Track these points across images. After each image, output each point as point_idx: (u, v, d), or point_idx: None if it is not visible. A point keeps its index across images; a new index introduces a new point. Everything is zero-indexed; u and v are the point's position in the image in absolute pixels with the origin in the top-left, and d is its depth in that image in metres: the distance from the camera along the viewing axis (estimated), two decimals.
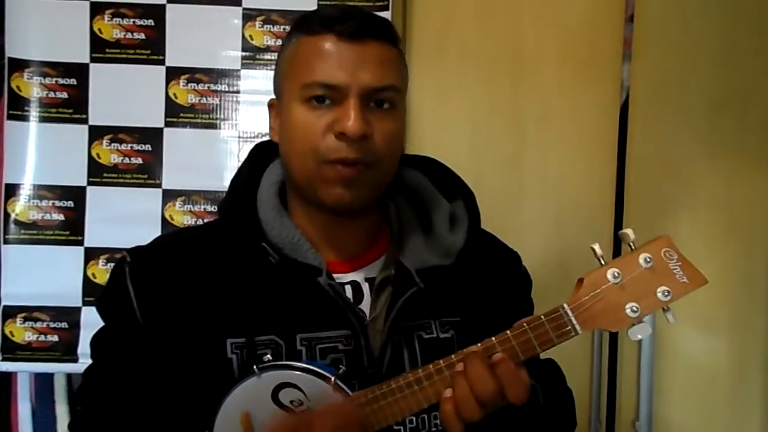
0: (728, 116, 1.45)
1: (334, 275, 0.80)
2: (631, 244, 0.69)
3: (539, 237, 1.44)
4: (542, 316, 0.67)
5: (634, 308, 0.67)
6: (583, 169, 1.45)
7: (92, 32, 1.37)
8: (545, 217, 1.45)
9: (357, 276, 0.82)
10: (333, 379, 0.70)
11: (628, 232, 0.69)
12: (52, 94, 1.37)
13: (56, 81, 1.37)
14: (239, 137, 1.40)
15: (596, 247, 0.68)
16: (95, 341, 0.82)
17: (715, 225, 1.46)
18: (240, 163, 1.34)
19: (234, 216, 0.81)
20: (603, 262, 0.69)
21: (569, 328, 0.68)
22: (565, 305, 0.68)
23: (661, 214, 1.46)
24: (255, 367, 0.71)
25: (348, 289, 0.81)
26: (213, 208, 1.40)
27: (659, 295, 0.68)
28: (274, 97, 0.85)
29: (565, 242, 1.44)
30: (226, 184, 1.39)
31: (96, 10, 1.36)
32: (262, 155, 0.87)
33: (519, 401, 0.67)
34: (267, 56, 1.40)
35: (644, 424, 1.44)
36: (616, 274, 0.68)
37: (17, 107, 1.36)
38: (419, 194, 0.88)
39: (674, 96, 1.45)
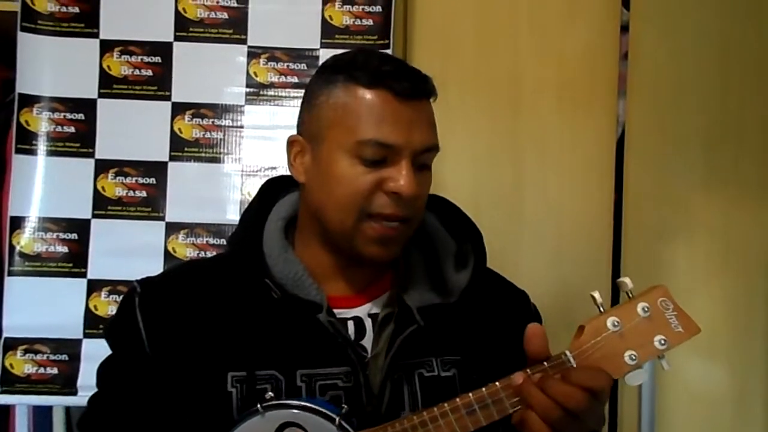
0: (723, 148, 1.48)
1: (338, 310, 0.81)
2: (629, 292, 0.71)
3: (538, 267, 1.45)
4: (545, 363, 0.69)
5: (632, 356, 0.69)
6: (581, 199, 1.47)
7: (101, 69, 1.40)
8: (544, 247, 1.46)
9: (360, 311, 0.83)
10: (337, 420, 0.70)
11: (626, 280, 0.71)
12: (60, 129, 1.40)
13: (64, 116, 1.40)
14: (242, 171, 1.43)
15: (596, 294, 0.70)
16: (101, 369, 0.83)
17: (713, 254, 1.47)
18: (243, 196, 1.39)
19: (240, 251, 0.83)
20: (602, 309, 0.70)
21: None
22: (568, 352, 0.69)
23: (659, 244, 1.47)
24: (259, 405, 0.71)
25: (350, 324, 0.82)
26: (216, 241, 1.41)
27: (656, 344, 0.70)
28: (284, 135, 0.85)
29: (563, 272, 1.45)
30: (229, 217, 1.45)
31: (105, 48, 1.40)
32: (272, 191, 0.89)
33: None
34: (270, 92, 1.43)
35: None
36: (616, 323, 0.70)
37: (25, 141, 1.39)
38: (429, 234, 0.89)
39: (669, 129, 1.48)
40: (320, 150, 0.79)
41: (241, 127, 1.43)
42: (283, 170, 1.47)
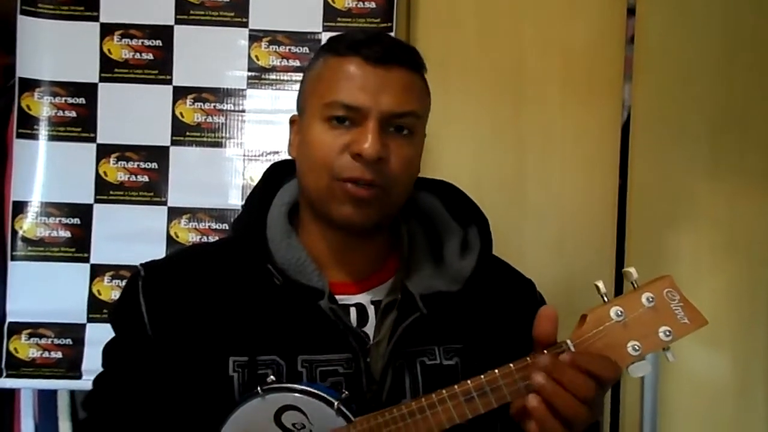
0: (729, 135, 1.46)
1: (340, 296, 0.81)
2: (634, 282, 0.69)
3: (541, 256, 1.45)
4: (545, 351, 0.68)
5: (636, 347, 0.68)
6: (584, 188, 1.46)
7: (102, 52, 1.39)
8: (547, 236, 1.46)
9: (363, 298, 0.83)
10: (336, 404, 0.70)
11: (631, 270, 0.69)
12: (61, 113, 1.39)
13: (65, 100, 1.39)
14: (244, 156, 1.42)
15: (600, 284, 0.69)
16: (106, 350, 0.84)
17: (717, 243, 1.46)
18: (245, 181, 1.38)
19: (243, 236, 0.83)
20: (606, 299, 0.69)
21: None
22: (569, 341, 0.68)
23: (664, 233, 1.47)
24: (259, 388, 0.71)
25: (353, 311, 0.82)
26: (218, 226, 1.41)
27: (661, 335, 0.68)
28: (286, 118, 0.87)
29: (567, 262, 1.45)
30: (231, 201, 1.44)
31: (106, 31, 1.39)
32: (276, 175, 0.89)
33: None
34: (272, 76, 1.42)
35: None
36: (619, 313, 0.68)
37: (27, 126, 1.38)
38: (432, 219, 0.88)
39: (675, 116, 1.46)
40: (303, 122, 0.81)
41: (243, 111, 1.42)
42: (286, 155, 1.47)
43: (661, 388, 1.44)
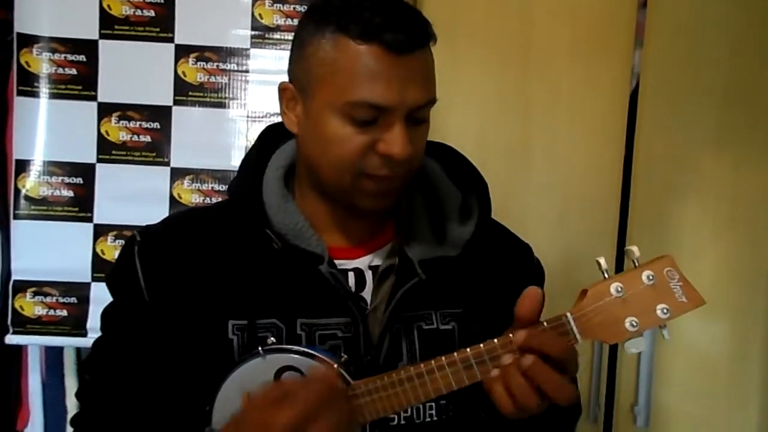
0: (738, 107, 1.44)
1: (338, 261, 0.80)
2: (635, 260, 0.70)
3: (544, 224, 1.45)
4: (545, 323, 0.68)
5: (633, 323, 0.69)
6: (590, 156, 1.45)
7: (101, 8, 1.36)
8: (551, 204, 1.45)
9: (361, 263, 0.82)
10: (336, 366, 0.71)
11: (633, 249, 0.70)
12: (61, 71, 1.37)
13: (65, 57, 1.37)
14: (248, 117, 1.41)
15: (601, 260, 0.70)
16: (105, 315, 0.84)
17: (720, 214, 1.46)
18: (249, 142, 1.37)
19: (239, 200, 0.82)
20: (607, 275, 0.70)
21: (570, 336, 0.69)
22: (569, 314, 0.69)
23: (667, 203, 1.46)
24: (260, 348, 0.72)
25: (351, 276, 0.81)
26: (221, 187, 1.41)
27: (659, 312, 0.69)
28: (286, 80, 0.80)
29: (569, 231, 1.45)
30: (234, 163, 1.43)
31: None
32: (271, 138, 0.86)
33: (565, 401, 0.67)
34: (276, 35, 1.39)
35: (643, 409, 1.46)
36: (619, 289, 0.69)
37: (27, 83, 1.36)
38: (432, 183, 0.87)
39: (685, 84, 1.44)
40: (311, 105, 0.75)
41: (247, 71, 1.40)
42: None
43: (658, 357, 1.47)
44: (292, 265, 0.78)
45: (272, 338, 0.74)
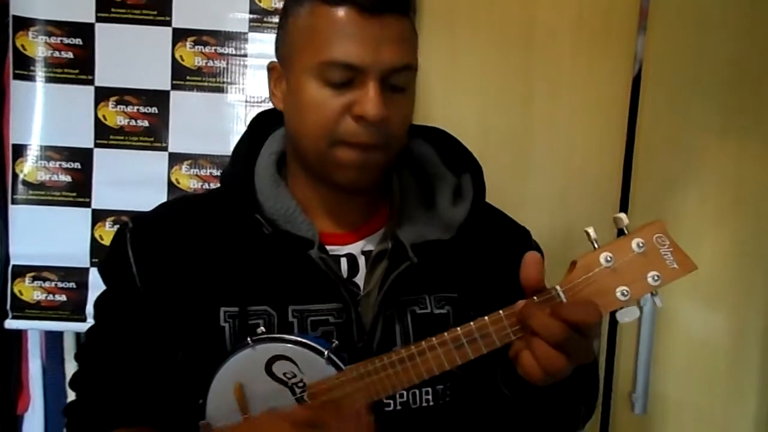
0: (742, 94, 1.42)
1: (330, 247, 0.80)
2: (625, 228, 0.69)
3: (544, 211, 1.44)
4: (535, 297, 0.67)
5: (624, 292, 0.67)
6: (592, 141, 1.43)
7: None
8: (551, 189, 1.44)
9: (354, 249, 0.82)
10: (326, 353, 0.71)
11: (621, 216, 0.68)
12: (57, 54, 1.36)
13: (61, 40, 1.35)
14: (246, 102, 1.39)
15: (590, 230, 0.68)
16: (97, 303, 0.84)
17: (722, 201, 1.45)
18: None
19: (231, 187, 0.82)
20: (597, 245, 0.69)
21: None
22: (558, 287, 0.68)
23: (669, 189, 1.45)
24: (249, 339, 0.72)
25: (343, 262, 0.81)
26: (219, 172, 1.40)
27: (649, 279, 0.68)
28: (275, 60, 0.81)
29: (570, 217, 1.44)
30: (232, 148, 1.41)
31: None
32: (263, 124, 0.86)
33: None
34: (275, 19, 1.37)
35: (640, 396, 1.47)
36: (609, 258, 0.67)
37: (23, 67, 1.35)
38: (425, 167, 0.86)
39: (688, 69, 1.42)
40: (291, 75, 0.76)
41: (245, 55, 1.38)
42: None
43: (656, 344, 1.46)
44: (283, 251, 0.78)
45: (262, 327, 0.74)
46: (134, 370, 0.79)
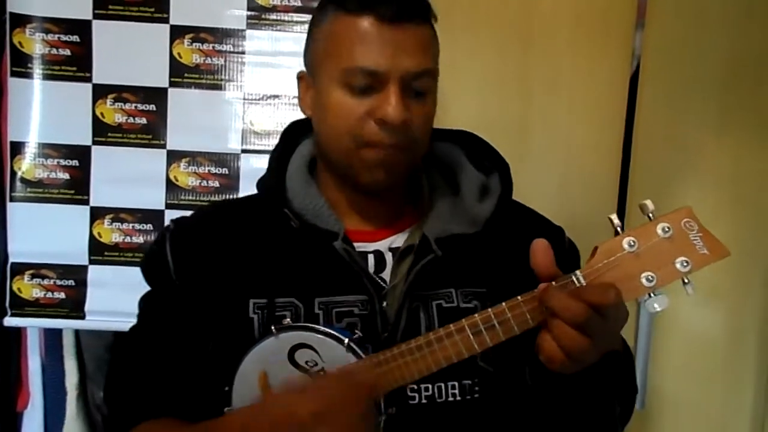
0: (740, 90, 1.42)
1: (358, 244, 0.82)
2: (650, 214, 0.67)
3: (543, 207, 1.43)
4: (554, 283, 0.66)
5: (649, 277, 0.65)
6: (590, 138, 1.43)
7: None
8: (550, 185, 1.44)
9: (381, 245, 0.84)
10: (347, 341, 0.72)
11: (647, 203, 0.67)
12: (54, 51, 1.35)
13: (59, 38, 1.35)
14: (244, 99, 1.39)
15: (614, 217, 0.67)
16: (140, 302, 0.87)
17: (721, 197, 1.45)
18: (245, 125, 1.37)
19: (264, 187, 0.86)
20: (620, 231, 0.67)
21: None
22: (578, 272, 0.66)
23: (668, 185, 1.45)
24: (273, 327, 0.74)
25: (371, 258, 0.83)
26: (218, 170, 1.40)
27: (678, 265, 0.65)
28: (303, 69, 0.84)
29: (567, 213, 1.44)
30: (230, 146, 1.42)
31: None
32: (295, 132, 0.89)
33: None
34: (273, 16, 1.37)
35: (639, 391, 1.47)
36: (632, 243, 0.65)
37: (21, 64, 1.35)
38: (452, 168, 0.88)
39: (686, 66, 1.42)
40: (318, 83, 0.80)
41: (243, 52, 1.38)
42: (286, 99, 1.45)
43: (654, 341, 1.47)
44: (309, 243, 0.80)
45: (288, 319, 0.76)
46: (169, 361, 0.81)
